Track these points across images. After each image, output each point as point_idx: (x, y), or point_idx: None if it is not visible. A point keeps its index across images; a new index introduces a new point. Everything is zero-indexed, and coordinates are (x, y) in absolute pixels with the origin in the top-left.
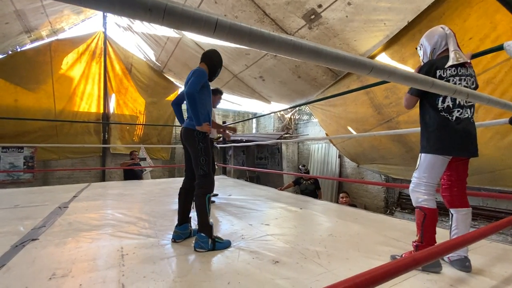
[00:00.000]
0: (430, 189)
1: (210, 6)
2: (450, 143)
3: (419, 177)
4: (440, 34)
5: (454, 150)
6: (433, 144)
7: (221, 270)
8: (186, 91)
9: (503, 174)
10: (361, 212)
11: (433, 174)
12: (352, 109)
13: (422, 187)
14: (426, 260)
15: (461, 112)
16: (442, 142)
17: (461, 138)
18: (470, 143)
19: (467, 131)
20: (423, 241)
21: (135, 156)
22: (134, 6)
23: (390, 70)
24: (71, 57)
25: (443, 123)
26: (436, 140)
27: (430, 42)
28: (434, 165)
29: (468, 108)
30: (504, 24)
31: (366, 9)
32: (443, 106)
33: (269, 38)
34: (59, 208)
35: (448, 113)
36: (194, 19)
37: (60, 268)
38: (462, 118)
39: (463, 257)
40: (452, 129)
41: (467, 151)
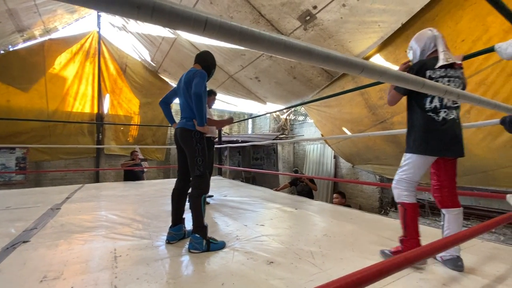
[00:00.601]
0: (411, 187)
1: (205, 7)
2: (435, 144)
3: (402, 175)
4: (428, 36)
5: (439, 151)
6: (419, 145)
7: (215, 271)
8: (194, 91)
9: (495, 174)
10: (356, 212)
11: (415, 173)
12: (347, 109)
13: (403, 184)
14: (417, 258)
15: (447, 113)
16: (428, 143)
17: (446, 138)
18: (455, 143)
19: (452, 132)
20: (406, 235)
21: (136, 156)
22: (122, 3)
23: (381, 70)
24: (64, 57)
25: (429, 123)
26: (422, 140)
27: (419, 44)
28: (418, 164)
29: (454, 109)
30: (496, 26)
31: (360, 10)
32: (431, 107)
33: (260, 37)
34: (51, 210)
35: (435, 114)
36: (183, 17)
37: (51, 271)
38: (448, 119)
39: (456, 256)
40: (438, 129)
41: (452, 151)
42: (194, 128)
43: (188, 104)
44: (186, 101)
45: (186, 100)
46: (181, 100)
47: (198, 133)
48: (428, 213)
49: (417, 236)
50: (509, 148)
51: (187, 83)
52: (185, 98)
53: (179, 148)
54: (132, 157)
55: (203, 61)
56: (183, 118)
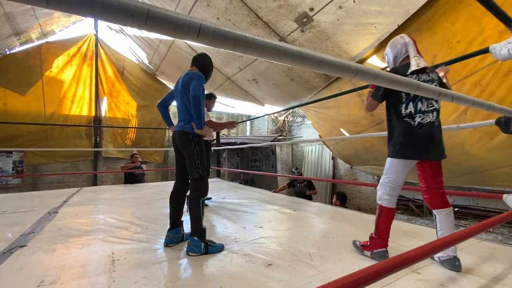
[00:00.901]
0: (393, 191)
1: (202, 9)
2: (412, 148)
3: (385, 179)
4: (400, 43)
5: (416, 155)
6: (398, 150)
7: (214, 274)
8: (193, 94)
9: (492, 174)
10: (354, 213)
11: (397, 177)
12: (345, 111)
13: (386, 188)
14: (414, 259)
15: (423, 118)
16: (405, 147)
17: (422, 142)
18: (433, 146)
19: (430, 135)
20: (376, 233)
21: (136, 159)
22: (115, 11)
23: (375, 73)
24: (61, 60)
25: (406, 128)
26: (400, 145)
27: (392, 51)
28: (398, 168)
29: (430, 112)
30: (491, 27)
31: (357, 12)
32: (406, 112)
33: (254, 43)
34: (49, 214)
35: (410, 119)
36: (177, 24)
37: (48, 275)
38: (424, 123)
39: (452, 257)
40: (414, 134)
41: (430, 154)
42: (193, 130)
43: (186, 107)
44: (184, 103)
45: (183, 103)
46: (179, 102)
47: (196, 136)
48: (426, 213)
49: (386, 237)
50: (505, 148)
51: (185, 86)
52: (183, 101)
53: (177, 150)
54: (132, 160)
55: (200, 64)
56: (181, 121)
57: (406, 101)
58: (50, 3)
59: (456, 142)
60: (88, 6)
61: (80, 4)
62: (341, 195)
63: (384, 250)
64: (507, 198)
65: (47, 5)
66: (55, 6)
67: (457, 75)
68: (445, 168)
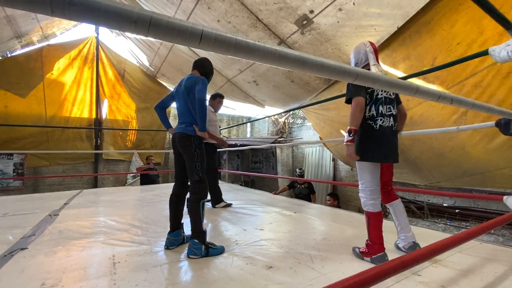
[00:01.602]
0: (374, 193)
1: (203, 12)
2: (377, 151)
3: (362, 184)
4: (361, 51)
5: (379, 158)
6: (364, 153)
7: (214, 277)
8: (198, 97)
9: (493, 176)
10: (355, 215)
11: (372, 178)
12: (345, 112)
13: (367, 193)
14: (414, 262)
15: (383, 121)
16: (370, 150)
17: (384, 145)
18: (392, 150)
19: (389, 139)
20: (370, 240)
21: (150, 161)
22: (119, 19)
23: (374, 76)
24: (62, 63)
25: (368, 130)
26: (366, 148)
27: (355, 56)
28: (370, 170)
29: (389, 117)
30: (491, 29)
31: (356, 15)
32: (369, 115)
33: (254, 48)
34: (50, 216)
35: (372, 121)
36: (180, 31)
37: (49, 278)
38: (384, 126)
39: (412, 242)
40: (375, 136)
41: (390, 158)
42: (194, 133)
43: (188, 109)
44: (186, 106)
45: (186, 105)
46: (180, 105)
47: (197, 138)
48: (427, 215)
49: (380, 241)
50: (505, 150)
51: (188, 89)
52: (185, 103)
53: (176, 153)
54: (147, 162)
55: (201, 68)
56: (182, 123)
57: (369, 103)
58: (55, 12)
59: (456, 144)
60: (92, 14)
61: (85, 12)
62: (334, 195)
63: (383, 254)
64: (507, 199)
65: (52, 14)
66: (60, 15)
67: (457, 77)
68: (447, 169)
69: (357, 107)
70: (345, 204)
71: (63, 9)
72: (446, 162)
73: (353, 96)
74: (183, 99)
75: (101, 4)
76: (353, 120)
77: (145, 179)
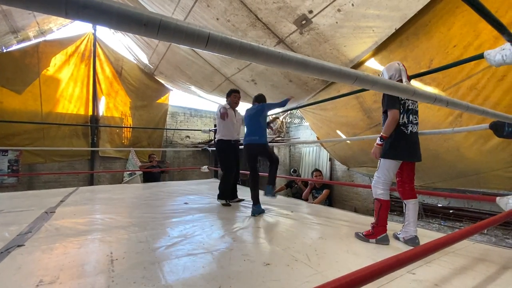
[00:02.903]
0: (386, 186)
1: (202, 9)
2: (403, 151)
3: (379, 176)
4: (395, 68)
5: (405, 156)
6: (394, 152)
7: (212, 274)
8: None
9: (486, 177)
10: (351, 214)
11: (389, 174)
12: (342, 113)
13: (380, 184)
14: (409, 260)
15: (412, 127)
16: (398, 150)
17: (411, 147)
18: (417, 150)
19: (415, 142)
20: (378, 223)
21: (153, 159)
22: (130, 21)
23: (373, 79)
24: (59, 59)
25: (400, 135)
26: (394, 148)
27: (388, 73)
28: (390, 167)
29: (415, 124)
30: (487, 32)
31: (355, 16)
32: (402, 122)
33: (259, 51)
34: (46, 213)
35: (404, 127)
36: (187, 34)
37: (47, 275)
38: (414, 132)
39: (414, 236)
40: (406, 140)
41: (415, 157)
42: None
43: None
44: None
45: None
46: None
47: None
48: (422, 215)
49: (385, 224)
50: (499, 151)
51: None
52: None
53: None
54: (150, 160)
55: (262, 101)
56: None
57: (402, 112)
58: (69, 14)
59: (452, 145)
60: (105, 17)
61: (98, 14)
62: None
63: (386, 235)
64: (500, 200)
65: (67, 16)
66: (74, 17)
67: (453, 79)
68: (442, 170)
69: (393, 119)
70: (341, 204)
71: (77, 11)
72: (441, 163)
73: (389, 108)
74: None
75: (113, 8)
76: (387, 130)
77: (148, 177)
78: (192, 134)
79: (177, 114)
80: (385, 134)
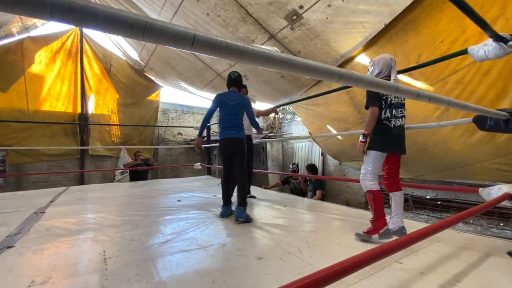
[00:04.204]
0: (374, 177)
1: (192, 4)
2: (388, 144)
3: (366, 168)
4: (387, 64)
5: (391, 149)
6: (377, 144)
7: (206, 269)
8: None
9: (472, 169)
10: (343, 208)
11: (376, 166)
12: (334, 108)
13: (368, 176)
14: (393, 250)
15: (395, 121)
16: (383, 143)
17: (396, 140)
18: (402, 143)
19: (400, 135)
20: (376, 216)
21: (138, 157)
22: (115, 24)
23: (357, 77)
24: (44, 56)
25: (385, 129)
26: (380, 141)
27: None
28: (376, 158)
29: (400, 118)
30: (473, 27)
31: (345, 11)
32: (385, 117)
33: (244, 51)
34: (36, 214)
35: (388, 122)
36: (173, 35)
37: (39, 276)
38: (397, 126)
39: (401, 226)
40: (390, 133)
41: (399, 149)
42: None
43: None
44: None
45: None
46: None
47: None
48: (411, 207)
49: (383, 215)
50: (484, 144)
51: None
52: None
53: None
54: (135, 158)
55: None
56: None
57: (385, 108)
58: (55, 16)
59: (439, 138)
60: (90, 20)
61: (83, 17)
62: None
63: (387, 228)
64: (483, 191)
65: (52, 18)
66: (60, 19)
67: (440, 74)
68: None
69: (371, 116)
70: (333, 198)
71: (62, 14)
72: (429, 156)
73: (369, 105)
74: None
75: (99, 10)
76: (368, 127)
77: (133, 176)
78: (184, 131)
79: (169, 111)
80: (366, 131)
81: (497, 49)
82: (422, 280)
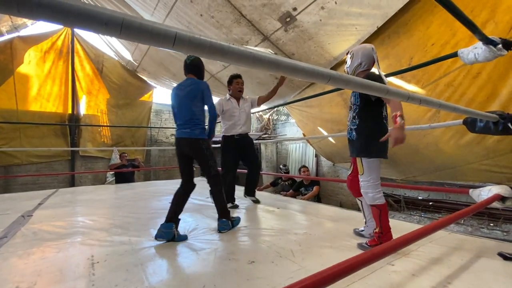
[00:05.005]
0: (379, 187)
1: (185, 5)
2: (386, 147)
3: (367, 180)
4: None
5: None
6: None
7: (197, 273)
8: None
9: (462, 170)
10: (336, 209)
11: (378, 174)
12: (327, 109)
13: (375, 188)
14: (384, 253)
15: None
16: (384, 147)
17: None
18: None
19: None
20: (383, 231)
21: (123, 158)
22: (89, 20)
23: (347, 78)
24: (34, 56)
25: (384, 130)
26: (378, 146)
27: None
28: (377, 167)
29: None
30: (463, 31)
31: (338, 13)
32: (384, 115)
33: (229, 51)
34: (22, 217)
35: (385, 121)
36: (153, 33)
37: (23, 281)
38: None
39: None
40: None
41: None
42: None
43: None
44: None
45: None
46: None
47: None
48: (404, 208)
49: (389, 230)
50: (474, 146)
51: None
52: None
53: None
54: (120, 159)
55: (199, 70)
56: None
57: (384, 105)
58: (22, 12)
59: (430, 140)
60: (62, 15)
61: (53, 13)
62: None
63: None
64: (473, 192)
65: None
66: (28, 15)
67: (432, 76)
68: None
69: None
70: (327, 199)
71: (31, 9)
72: (421, 157)
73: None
74: (186, 105)
75: (72, 6)
76: (401, 106)
77: (118, 178)
78: None
79: (162, 112)
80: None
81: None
82: (414, 282)
